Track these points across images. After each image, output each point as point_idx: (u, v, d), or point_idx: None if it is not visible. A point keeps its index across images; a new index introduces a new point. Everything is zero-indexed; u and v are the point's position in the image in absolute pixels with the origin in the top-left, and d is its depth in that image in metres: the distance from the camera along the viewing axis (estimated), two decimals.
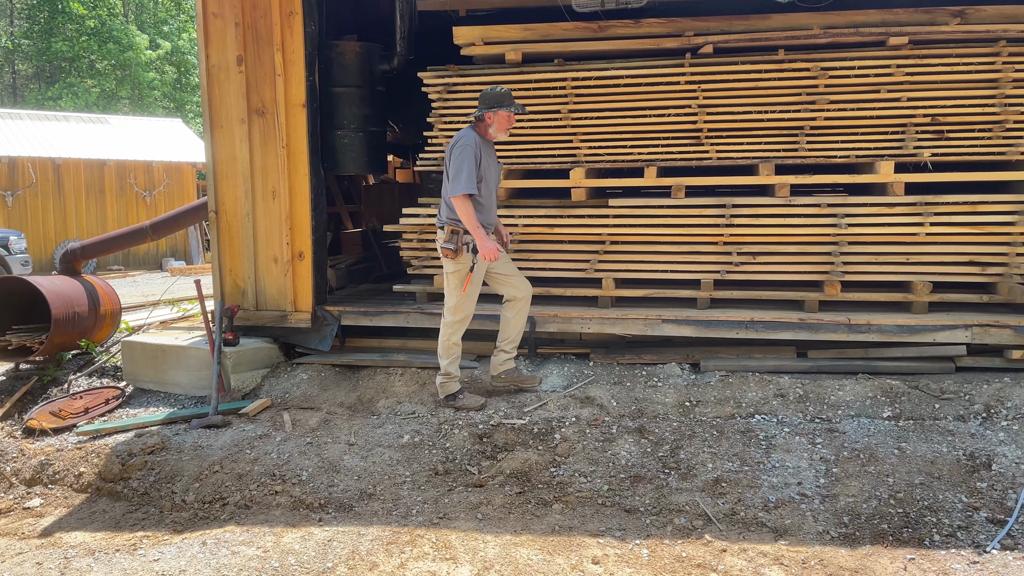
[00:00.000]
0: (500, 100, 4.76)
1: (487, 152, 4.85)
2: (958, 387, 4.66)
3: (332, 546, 3.47)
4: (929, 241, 5.13)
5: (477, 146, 4.74)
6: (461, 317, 4.94)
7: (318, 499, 3.98)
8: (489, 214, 4.91)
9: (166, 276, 15.45)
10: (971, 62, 5.04)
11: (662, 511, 3.67)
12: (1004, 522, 3.36)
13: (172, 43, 30.04)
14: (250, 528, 3.72)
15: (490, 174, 4.87)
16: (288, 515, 3.86)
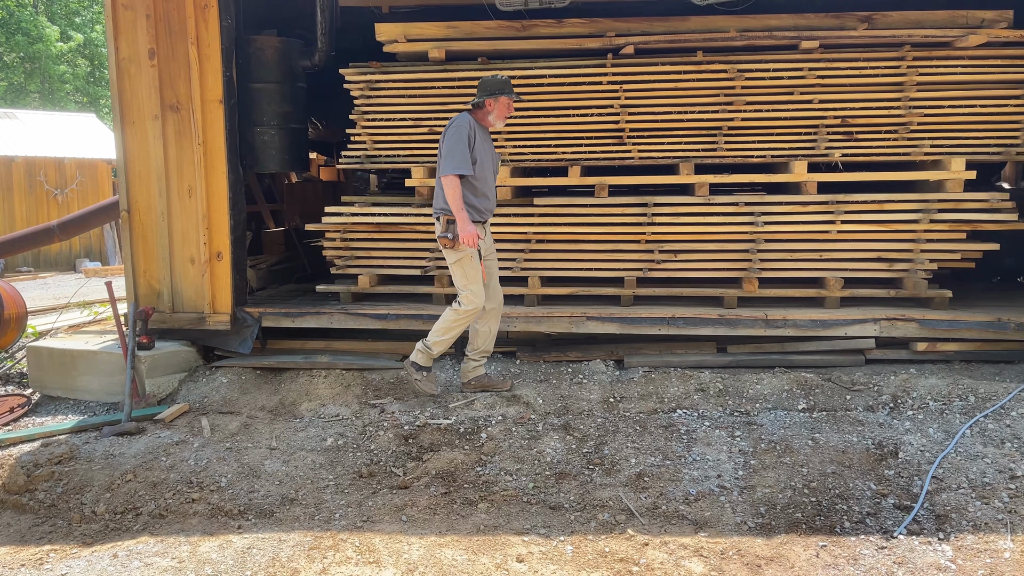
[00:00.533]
0: (501, 87, 4.66)
1: (483, 138, 4.74)
2: (868, 379, 4.85)
3: (252, 554, 3.38)
4: (840, 238, 5.32)
5: (471, 128, 4.62)
6: (472, 309, 4.76)
7: (237, 506, 3.87)
8: (485, 200, 4.78)
9: (80, 277, 14.82)
10: (878, 66, 5.24)
11: (586, 507, 3.70)
12: (910, 508, 3.50)
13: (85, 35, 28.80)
14: (165, 538, 3.59)
15: (486, 159, 4.73)
16: (206, 523, 3.74)
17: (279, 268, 6.99)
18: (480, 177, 4.70)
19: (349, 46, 6.31)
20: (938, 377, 4.78)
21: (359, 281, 5.77)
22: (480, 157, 4.67)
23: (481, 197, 4.74)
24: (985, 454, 3.89)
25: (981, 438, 4.06)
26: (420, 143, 5.73)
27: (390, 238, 5.78)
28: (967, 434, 4.10)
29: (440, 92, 5.63)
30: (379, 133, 5.74)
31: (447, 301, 5.70)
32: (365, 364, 5.40)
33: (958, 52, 5.19)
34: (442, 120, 5.65)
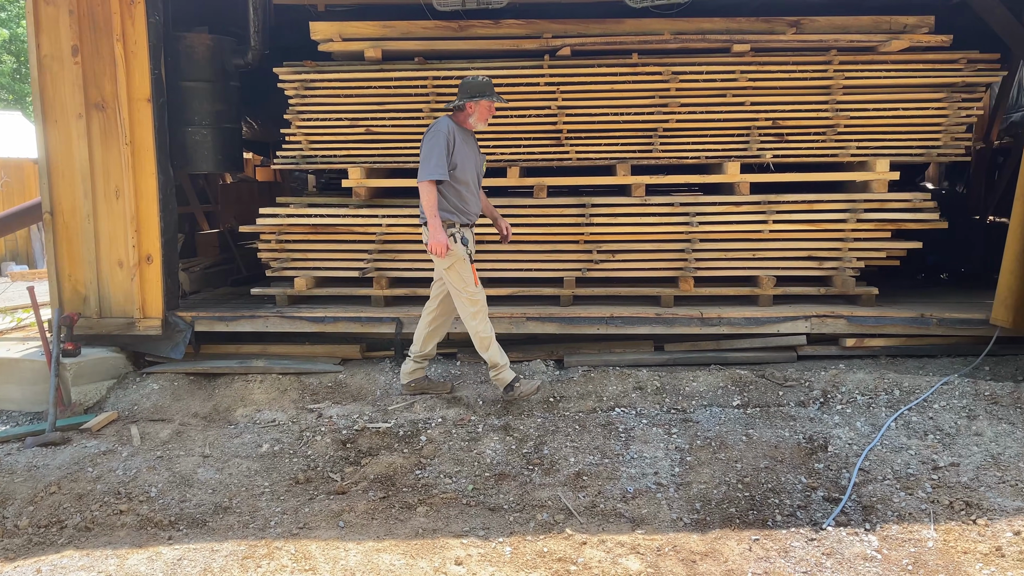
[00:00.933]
0: (482, 89, 4.58)
1: (464, 140, 4.63)
2: (799, 374, 4.97)
3: (182, 565, 3.29)
4: (773, 238, 5.44)
5: (450, 132, 4.53)
6: (478, 308, 4.68)
7: (168, 516, 3.77)
8: (468, 204, 4.68)
9: (5, 281, 14.25)
10: (806, 70, 5.38)
11: (525, 507, 3.71)
12: (839, 500, 3.60)
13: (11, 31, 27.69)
14: (91, 552, 3.47)
15: (467, 163, 4.63)
16: (134, 535, 3.63)
17: (213, 271, 6.84)
18: (463, 181, 4.62)
19: (285, 44, 6.21)
20: (865, 372, 4.93)
21: (295, 284, 5.68)
22: (461, 161, 4.58)
23: (465, 201, 4.66)
24: (909, 446, 4.02)
25: (905, 430, 4.20)
26: (357, 143, 5.67)
27: (327, 239, 5.70)
28: (892, 427, 4.23)
29: (377, 92, 5.57)
30: (315, 133, 5.66)
31: (386, 303, 5.66)
32: (302, 368, 5.32)
33: (882, 57, 5.36)
34: (379, 120, 5.61)
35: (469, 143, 4.71)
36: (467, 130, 4.70)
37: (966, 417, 4.27)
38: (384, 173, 5.84)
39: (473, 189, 4.72)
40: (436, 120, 4.65)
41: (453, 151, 4.54)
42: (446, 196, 4.59)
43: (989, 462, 3.82)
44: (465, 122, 4.67)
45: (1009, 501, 3.50)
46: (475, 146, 4.79)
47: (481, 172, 4.85)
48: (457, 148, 4.56)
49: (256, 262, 6.06)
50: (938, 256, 7.03)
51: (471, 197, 4.70)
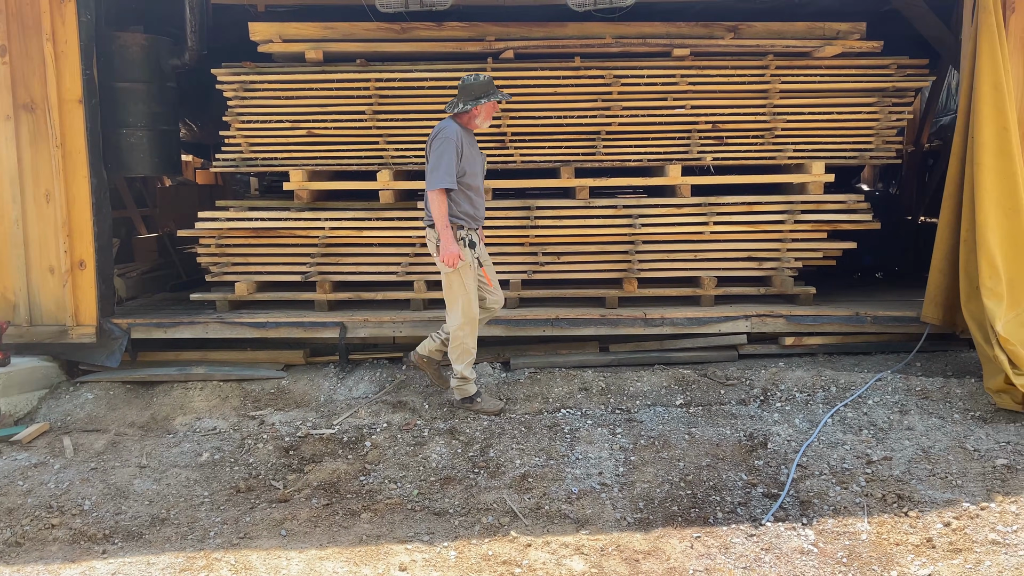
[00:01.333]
0: (485, 90, 4.50)
1: (469, 143, 4.56)
2: (740, 373, 5.06)
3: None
4: (714, 239, 5.53)
5: (459, 138, 4.43)
6: (469, 319, 4.60)
7: (102, 529, 3.66)
8: (477, 208, 4.61)
9: None
10: (744, 74, 5.49)
11: (470, 511, 3.70)
12: (777, 496, 3.67)
13: None
14: (21, 568, 3.36)
15: (475, 166, 4.57)
16: (67, 550, 3.52)
17: (151, 276, 6.67)
18: (472, 185, 4.55)
19: (224, 45, 6.09)
20: (804, 370, 5.05)
21: (236, 289, 5.58)
22: (470, 165, 4.51)
23: (475, 205, 4.59)
24: (845, 441, 4.13)
25: (841, 426, 4.31)
26: (299, 146, 5.60)
27: (269, 243, 5.61)
28: (829, 423, 4.34)
29: (319, 94, 5.51)
30: (255, 135, 5.57)
31: (329, 307, 5.60)
32: (244, 374, 5.22)
33: (817, 62, 5.49)
34: (321, 122, 5.55)
35: (474, 146, 4.65)
36: (470, 131, 4.62)
37: (898, 412, 4.40)
38: (327, 176, 5.78)
39: (481, 191, 4.66)
40: (442, 125, 4.51)
41: (462, 156, 4.45)
42: (456, 202, 4.50)
43: (920, 455, 3.94)
44: (470, 124, 4.59)
45: (939, 493, 3.62)
46: (477, 146, 4.72)
47: (484, 172, 4.79)
48: (465, 153, 4.48)
49: (196, 267, 5.94)
50: (873, 256, 7.24)
51: (480, 200, 4.65)
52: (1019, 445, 4.01)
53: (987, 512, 3.43)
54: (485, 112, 4.57)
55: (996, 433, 4.14)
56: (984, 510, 3.45)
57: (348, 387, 5.17)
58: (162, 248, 7.22)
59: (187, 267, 6.99)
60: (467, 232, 4.55)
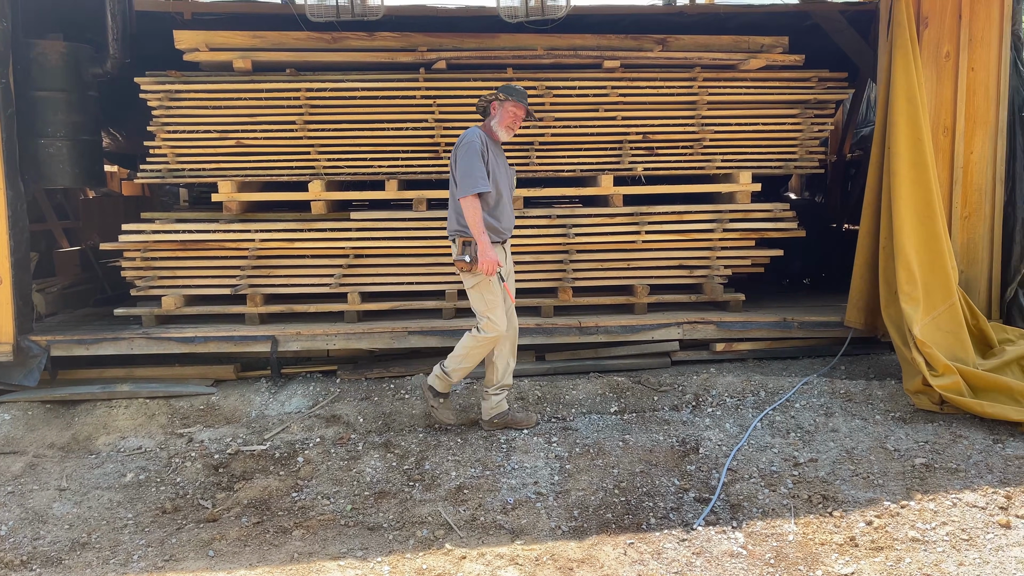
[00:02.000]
0: (508, 92, 4.30)
1: (496, 152, 4.37)
2: (673, 379, 5.14)
3: None
4: (646, 248, 5.62)
5: (483, 143, 4.24)
6: (493, 336, 4.35)
7: (19, 555, 3.51)
8: (501, 219, 4.39)
9: None
10: (673, 86, 5.59)
11: (405, 525, 3.66)
12: (709, 500, 3.73)
13: None
14: None
15: (501, 177, 4.36)
16: None
17: (73, 291, 6.44)
18: (496, 195, 4.34)
19: (150, 53, 5.94)
20: (734, 375, 5.15)
21: (164, 303, 5.42)
22: (494, 174, 4.30)
23: (499, 216, 4.38)
24: (773, 444, 4.23)
25: (770, 430, 4.41)
26: (228, 156, 5.49)
27: (198, 256, 5.48)
28: (758, 427, 4.44)
29: (248, 103, 5.42)
30: (182, 145, 5.44)
31: (261, 321, 5.49)
32: (172, 391, 5.08)
33: (742, 75, 5.64)
34: (251, 132, 5.46)
35: (500, 155, 4.46)
36: (496, 142, 4.42)
37: (824, 415, 4.53)
38: (257, 187, 5.68)
39: (507, 203, 4.46)
40: (466, 131, 4.34)
41: (488, 162, 4.26)
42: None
43: (844, 456, 4.06)
44: (493, 132, 4.39)
45: (862, 493, 3.73)
46: (504, 158, 4.52)
47: (513, 185, 4.57)
48: (490, 160, 4.29)
49: (121, 281, 5.75)
50: (801, 262, 7.45)
51: (505, 212, 4.43)
52: (936, 444, 4.17)
53: (907, 510, 3.55)
54: (503, 116, 4.33)
55: (915, 433, 4.29)
56: (904, 508, 3.57)
57: (280, 402, 5.08)
58: (85, 262, 6.98)
59: (112, 281, 6.77)
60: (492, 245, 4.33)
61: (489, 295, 4.33)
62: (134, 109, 6.13)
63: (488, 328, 4.37)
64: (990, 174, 5.26)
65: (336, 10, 5.27)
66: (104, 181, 6.29)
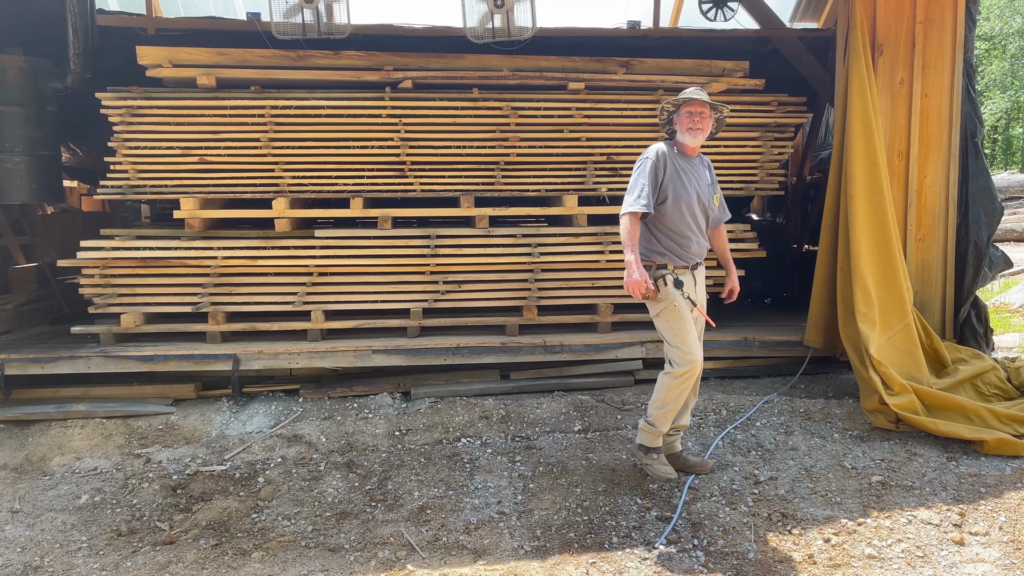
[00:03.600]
0: (676, 101, 3.99)
1: (682, 167, 3.96)
2: (636, 398, 5.18)
3: None
4: (610, 267, 5.66)
5: (661, 158, 3.90)
6: (687, 368, 3.90)
7: None
8: (682, 242, 3.96)
9: None
10: (637, 108, 5.68)
11: (367, 546, 3.63)
12: (670, 519, 3.76)
13: None
14: None
15: (684, 192, 3.92)
16: None
17: (29, 308, 6.31)
18: (675, 215, 3.92)
19: (112, 68, 5.89)
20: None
21: (123, 321, 5.34)
22: (675, 191, 3.91)
23: (679, 238, 3.96)
24: (734, 463, 4.27)
25: (731, 448, 4.46)
26: (190, 173, 5.45)
27: (158, 273, 5.41)
28: (719, 445, 4.48)
29: (211, 120, 5.39)
30: (143, 162, 5.39)
31: (223, 339, 5.42)
32: (130, 411, 4.99)
33: None
34: (214, 149, 5.42)
35: (689, 169, 4.00)
36: (688, 155, 4.03)
37: (784, 433, 4.59)
38: (220, 204, 5.64)
39: (692, 224, 3.98)
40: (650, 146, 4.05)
41: (663, 180, 3.91)
42: (657, 232, 3.97)
43: (803, 475, 4.12)
44: (680, 144, 4.01)
45: (820, 510, 3.79)
46: (701, 172, 4.07)
47: (709, 204, 4.08)
48: (669, 176, 3.92)
49: (80, 299, 5.65)
50: (763, 282, 7.56)
51: (690, 234, 3.97)
52: (892, 462, 4.24)
53: (864, 527, 3.61)
54: (681, 123, 3.98)
55: (872, 451, 4.37)
56: (861, 525, 3.63)
57: (242, 421, 5.01)
58: (42, 279, 6.84)
59: (69, 299, 6.64)
60: (671, 271, 3.95)
61: (677, 322, 3.91)
62: (95, 124, 6.06)
63: (680, 359, 3.93)
64: (943, 197, 5.40)
65: (302, 28, 5.27)
66: (63, 197, 6.18)
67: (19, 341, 5.61)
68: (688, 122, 3.94)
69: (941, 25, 5.28)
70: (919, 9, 5.26)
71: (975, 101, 5.46)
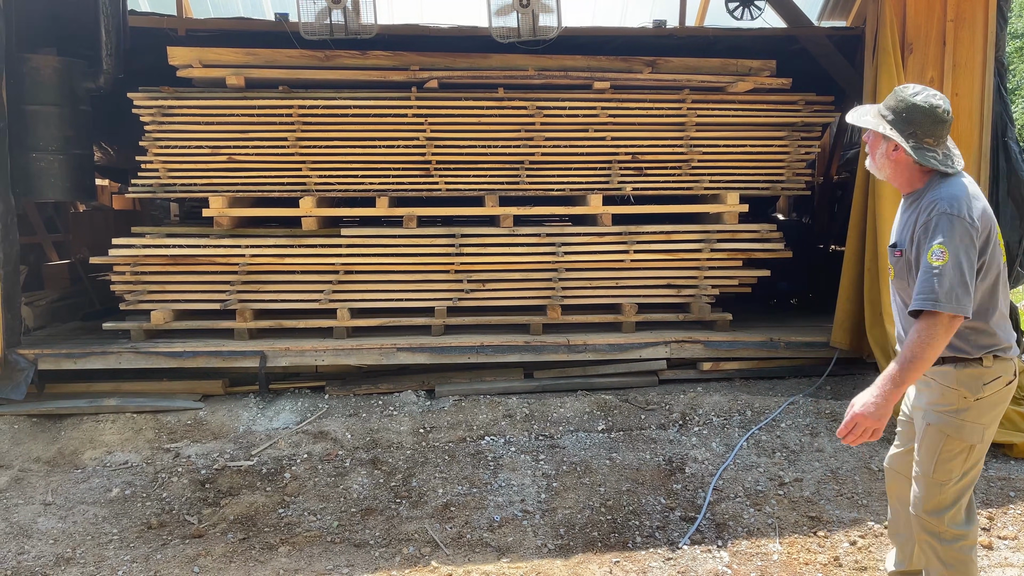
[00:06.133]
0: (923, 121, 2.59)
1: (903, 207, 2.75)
2: (660, 398, 5.17)
3: None
4: (634, 267, 5.66)
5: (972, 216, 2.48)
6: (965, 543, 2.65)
7: (4, 570, 3.49)
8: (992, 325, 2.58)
9: None
10: (662, 107, 5.66)
11: (392, 542, 3.67)
12: (694, 519, 3.75)
13: None
14: None
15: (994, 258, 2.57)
16: None
17: (62, 304, 6.43)
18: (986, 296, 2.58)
19: (143, 67, 5.96)
20: (721, 394, 5.18)
21: (152, 317, 5.42)
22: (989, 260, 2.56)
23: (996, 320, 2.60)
24: (759, 464, 4.25)
25: (756, 449, 4.44)
26: (219, 171, 5.52)
27: (187, 271, 5.48)
28: (744, 446, 4.47)
29: (240, 119, 5.45)
30: (173, 160, 5.46)
31: (250, 336, 5.49)
32: (159, 405, 5.07)
33: (730, 97, 5.71)
34: (242, 148, 5.48)
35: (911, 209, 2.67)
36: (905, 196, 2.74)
37: (809, 435, 4.56)
38: (248, 202, 5.71)
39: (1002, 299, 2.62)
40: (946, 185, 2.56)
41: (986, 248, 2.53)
42: None
43: (829, 476, 4.09)
44: None
45: (846, 513, 3.76)
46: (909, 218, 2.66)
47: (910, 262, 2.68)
48: None
49: (111, 295, 5.75)
50: (788, 282, 7.51)
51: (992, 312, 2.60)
52: None
53: None
54: None
55: None
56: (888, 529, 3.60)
57: (268, 417, 5.07)
58: (75, 275, 6.97)
59: (101, 295, 6.76)
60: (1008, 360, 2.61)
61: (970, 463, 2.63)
62: (126, 123, 6.16)
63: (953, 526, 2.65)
64: None
65: (329, 28, 5.31)
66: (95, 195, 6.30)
67: (52, 337, 5.72)
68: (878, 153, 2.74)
69: (972, 23, 5.21)
70: (950, 7, 5.19)
71: (1006, 100, 5.38)
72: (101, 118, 6.30)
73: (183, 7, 6.70)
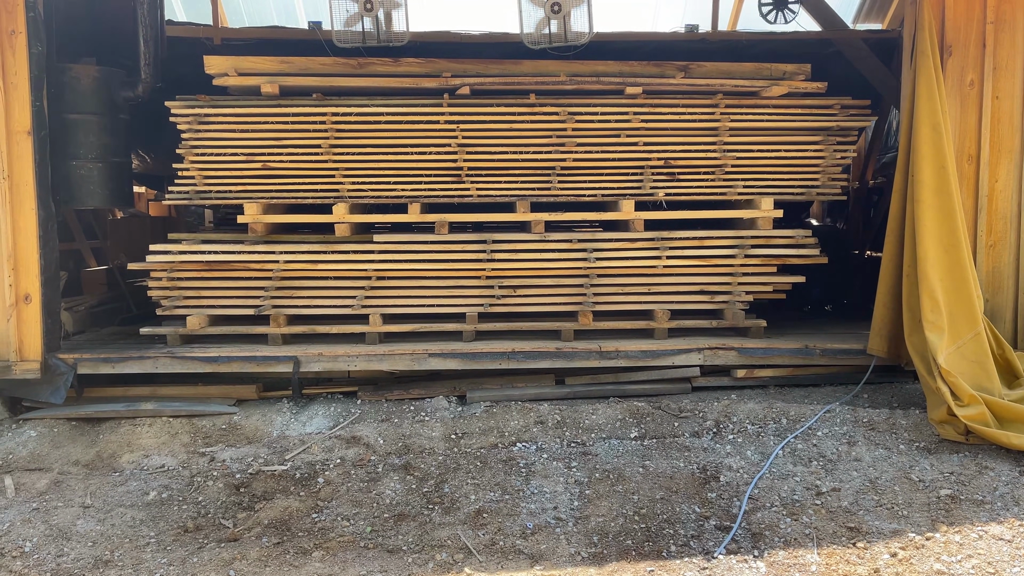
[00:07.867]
0: None
1: None
2: (694, 405, 5.12)
3: None
4: (667, 273, 5.62)
5: None
6: None
7: (43, 572, 3.54)
8: None
9: None
10: (695, 112, 5.62)
11: (424, 548, 3.66)
12: (730, 528, 3.71)
13: None
14: None
15: None
16: None
17: (100, 310, 6.53)
18: None
19: (180, 76, 6.07)
20: (755, 402, 5.12)
21: (188, 322, 5.49)
22: None
23: None
24: (795, 473, 4.19)
25: (792, 458, 4.38)
26: (254, 178, 5.58)
27: (222, 276, 5.55)
28: (780, 455, 4.41)
29: (274, 127, 5.51)
30: (209, 168, 5.53)
31: (284, 341, 5.54)
32: (195, 410, 5.13)
33: (764, 101, 5.66)
34: (277, 155, 5.54)
35: None
36: None
37: (847, 443, 4.49)
38: (282, 209, 5.76)
39: None
40: None
41: None
42: None
43: (867, 486, 4.02)
44: None
45: (886, 523, 3.69)
46: None
47: None
48: None
49: (147, 300, 5.83)
50: (823, 289, 7.41)
51: None
52: (962, 475, 4.11)
53: (932, 542, 3.51)
54: None
55: (940, 464, 4.24)
56: (929, 540, 3.52)
57: (302, 422, 5.11)
58: (112, 281, 7.09)
59: (138, 301, 6.87)
60: None
61: None
62: (163, 131, 6.26)
63: None
64: (1015, 202, 5.22)
65: (362, 36, 5.36)
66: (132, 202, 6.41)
67: (91, 341, 5.81)
68: None
69: (1013, 25, 5.12)
70: (990, 9, 5.10)
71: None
72: (139, 126, 6.41)
73: (219, 17, 6.80)
